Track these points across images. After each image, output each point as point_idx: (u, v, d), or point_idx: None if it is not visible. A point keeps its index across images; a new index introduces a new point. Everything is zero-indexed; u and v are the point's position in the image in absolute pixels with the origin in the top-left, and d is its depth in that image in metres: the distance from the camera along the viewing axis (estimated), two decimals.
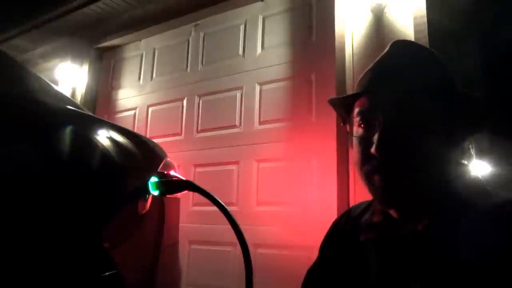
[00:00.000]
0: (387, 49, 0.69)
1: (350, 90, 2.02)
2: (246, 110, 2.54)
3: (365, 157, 0.62)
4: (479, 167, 1.46)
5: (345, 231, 0.76)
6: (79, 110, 0.90)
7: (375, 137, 0.60)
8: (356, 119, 0.65)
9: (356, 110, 0.66)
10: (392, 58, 0.67)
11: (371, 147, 0.60)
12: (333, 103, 0.73)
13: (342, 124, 0.73)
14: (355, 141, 0.66)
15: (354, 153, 0.67)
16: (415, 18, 1.87)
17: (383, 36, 1.96)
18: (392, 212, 0.65)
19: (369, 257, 0.67)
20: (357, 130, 0.65)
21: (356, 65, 2.03)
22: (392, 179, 0.60)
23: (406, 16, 1.90)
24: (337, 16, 2.15)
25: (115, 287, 0.69)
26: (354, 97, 0.67)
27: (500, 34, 1.68)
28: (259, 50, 2.58)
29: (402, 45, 0.70)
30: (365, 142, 0.63)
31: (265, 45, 2.56)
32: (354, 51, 2.05)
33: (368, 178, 0.63)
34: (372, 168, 0.61)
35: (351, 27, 2.08)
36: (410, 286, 0.58)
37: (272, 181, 2.34)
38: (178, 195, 0.94)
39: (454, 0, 1.80)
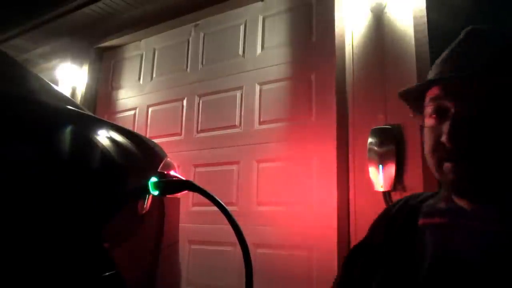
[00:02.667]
0: (461, 35, 0.67)
1: (350, 90, 2.02)
2: (246, 110, 2.54)
3: (436, 145, 0.62)
4: None
5: (397, 216, 0.74)
6: (79, 110, 0.90)
7: (446, 125, 0.60)
8: (428, 109, 0.65)
9: (428, 99, 0.65)
10: (465, 45, 0.65)
11: (441, 136, 0.60)
12: (405, 93, 0.71)
13: (412, 115, 0.72)
14: (426, 131, 0.66)
15: (425, 143, 0.66)
16: (415, 18, 1.87)
17: (383, 36, 1.96)
18: (463, 203, 0.64)
19: (422, 244, 0.65)
20: (429, 120, 0.65)
21: (356, 65, 2.03)
22: (464, 168, 0.59)
23: (406, 15, 1.90)
24: (337, 16, 2.15)
25: (115, 287, 0.69)
26: (428, 85, 0.66)
27: None
28: (259, 50, 2.58)
29: (478, 32, 0.67)
30: (436, 131, 0.62)
31: (265, 45, 2.56)
32: (354, 51, 2.04)
33: (439, 167, 0.63)
34: (442, 156, 0.61)
35: (351, 27, 2.08)
36: (463, 276, 0.56)
37: (272, 181, 2.34)
38: (178, 195, 0.94)
39: (454, 0, 1.80)
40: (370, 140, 1.85)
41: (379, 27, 1.98)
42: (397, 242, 0.69)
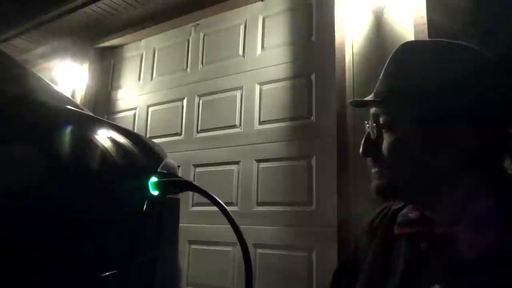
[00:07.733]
0: (395, 52, 0.73)
1: (350, 90, 2.02)
2: (246, 110, 2.54)
3: (375, 158, 0.69)
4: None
5: (380, 225, 0.80)
6: (79, 110, 0.90)
7: (384, 141, 0.67)
8: (371, 121, 0.71)
9: (370, 112, 0.72)
10: (400, 63, 0.71)
11: (380, 147, 0.67)
12: (351, 103, 0.80)
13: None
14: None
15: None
16: (415, 19, 1.87)
17: (383, 36, 1.96)
18: (428, 212, 0.69)
19: (398, 252, 0.71)
20: (372, 131, 0.71)
21: (356, 65, 2.03)
22: (400, 182, 0.67)
23: (406, 16, 1.90)
24: (337, 16, 2.15)
25: (115, 287, 0.69)
26: (366, 103, 0.73)
27: (500, 34, 1.68)
28: (259, 50, 2.58)
29: (410, 48, 0.73)
30: (374, 142, 0.69)
31: (265, 45, 2.56)
32: (354, 51, 2.04)
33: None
34: (379, 172, 0.68)
35: (351, 27, 2.08)
36: (434, 285, 0.61)
37: (272, 181, 2.34)
38: (178, 195, 0.94)
39: (454, 1, 1.80)
40: None
41: (380, 27, 1.98)
42: (377, 251, 0.76)
